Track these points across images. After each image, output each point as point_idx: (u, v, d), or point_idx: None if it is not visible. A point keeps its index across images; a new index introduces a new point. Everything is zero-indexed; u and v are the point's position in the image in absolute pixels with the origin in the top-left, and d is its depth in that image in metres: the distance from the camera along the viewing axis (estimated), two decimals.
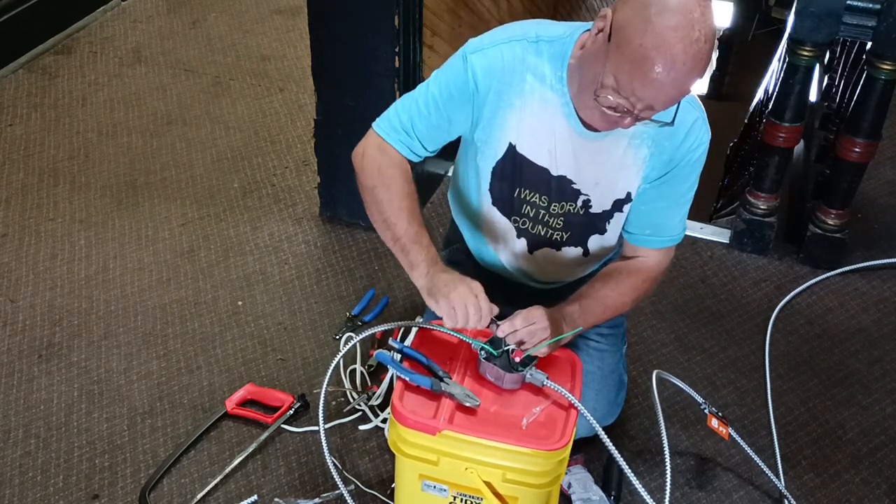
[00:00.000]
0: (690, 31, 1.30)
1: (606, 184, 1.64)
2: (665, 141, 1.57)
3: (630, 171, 1.62)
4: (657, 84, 1.34)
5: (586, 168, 1.62)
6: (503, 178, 1.68)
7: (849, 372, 2.27)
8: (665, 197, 1.65)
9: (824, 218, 2.56)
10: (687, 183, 1.65)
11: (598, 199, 1.67)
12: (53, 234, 2.65)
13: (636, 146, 1.58)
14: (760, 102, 3.97)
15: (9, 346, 2.27)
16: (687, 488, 1.96)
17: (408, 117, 1.65)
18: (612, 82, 1.37)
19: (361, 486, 1.91)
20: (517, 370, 1.54)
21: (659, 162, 1.60)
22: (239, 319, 2.35)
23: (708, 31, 1.32)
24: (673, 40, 1.30)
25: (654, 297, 2.45)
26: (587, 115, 1.51)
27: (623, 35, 1.34)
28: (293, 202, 2.78)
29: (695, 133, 1.57)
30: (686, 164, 1.60)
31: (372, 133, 1.68)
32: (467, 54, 1.57)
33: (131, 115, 3.19)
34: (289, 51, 3.60)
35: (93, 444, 2.02)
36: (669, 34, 1.30)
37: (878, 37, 2.23)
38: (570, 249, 1.77)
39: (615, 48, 1.35)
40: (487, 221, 1.78)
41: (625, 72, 1.35)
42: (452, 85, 1.60)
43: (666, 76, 1.33)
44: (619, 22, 1.35)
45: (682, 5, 1.31)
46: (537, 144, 1.61)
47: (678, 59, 1.31)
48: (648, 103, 1.38)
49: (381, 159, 1.65)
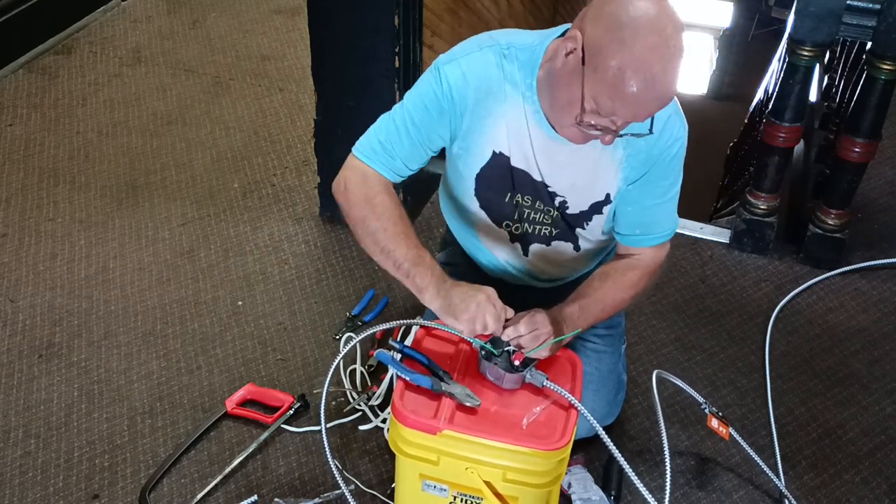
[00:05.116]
0: (666, 50, 1.32)
1: (582, 186, 1.65)
2: (640, 141, 1.57)
3: (608, 173, 1.62)
4: (638, 102, 1.36)
5: (561, 172, 1.63)
6: (490, 184, 1.68)
7: (849, 372, 2.27)
8: (649, 195, 1.65)
9: (824, 218, 2.56)
10: (668, 179, 1.65)
11: (574, 201, 1.68)
12: (53, 234, 2.65)
13: (611, 148, 1.57)
14: (760, 102, 3.97)
15: (9, 346, 2.27)
16: (687, 488, 1.96)
17: (386, 137, 1.62)
18: (593, 105, 1.39)
19: (361, 486, 1.91)
20: (517, 370, 1.54)
21: (636, 161, 1.60)
22: (239, 319, 2.35)
23: (680, 43, 1.34)
24: (652, 60, 1.32)
25: (654, 296, 2.45)
26: (566, 133, 1.51)
27: (599, 59, 1.35)
28: (293, 202, 2.78)
29: (669, 130, 1.57)
30: (664, 161, 1.60)
31: (352, 158, 1.65)
32: (440, 66, 1.57)
33: (131, 115, 3.19)
34: (289, 51, 3.61)
35: (93, 444, 2.02)
36: (647, 55, 1.32)
37: (878, 37, 2.23)
38: (561, 244, 1.77)
39: (592, 72, 1.36)
40: (478, 224, 1.79)
41: (605, 95, 1.36)
42: (427, 99, 1.59)
43: (647, 94, 1.35)
44: (591, 44, 1.36)
45: (655, 23, 1.32)
46: (517, 149, 1.62)
47: (658, 78, 1.33)
48: (630, 120, 1.41)
49: (365, 188, 1.62)
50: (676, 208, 1.71)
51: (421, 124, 1.61)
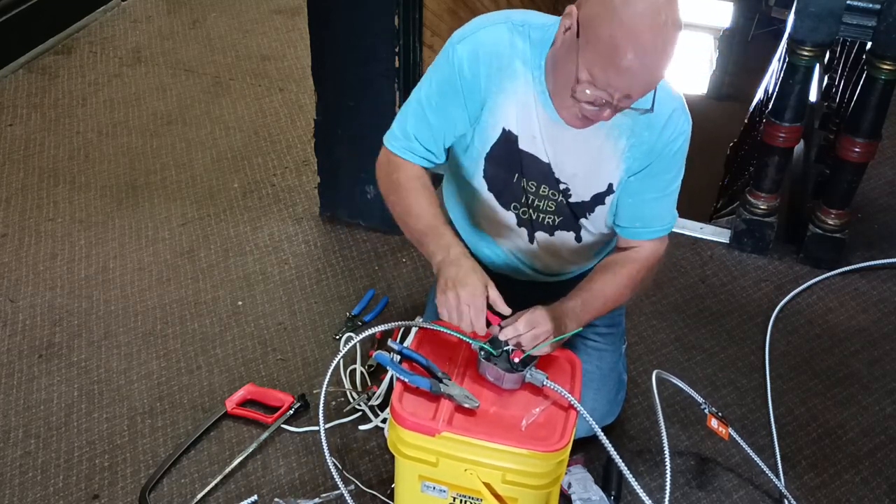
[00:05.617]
0: (657, 17, 1.33)
1: (584, 175, 1.65)
2: (644, 132, 1.57)
3: (610, 163, 1.62)
4: (631, 72, 1.37)
5: (564, 158, 1.63)
6: (498, 164, 1.68)
7: (849, 372, 2.27)
8: (650, 188, 1.66)
9: (824, 218, 2.56)
10: (671, 173, 1.65)
11: (576, 189, 1.68)
12: (53, 234, 2.65)
13: (615, 137, 1.58)
14: (760, 102, 3.96)
15: (9, 346, 2.27)
16: (687, 488, 1.96)
17: (408, 123, 1.66)
18: (587, 76, 1.40)
19: (361, 486, 1.91)
20: (517, 370, 1.54)
21: (639, 152, 1.60)
22: (239, 319, 2.35)
23: (673, 15, 1.35)
24: (641, 27, 1.33)
25: (654, 296, 2.45)
26: (566, 115, 1.52)
27: (591, 29, 1.37)
28: (293, 202, 2.78)
29: (673, 123, 1.58)
30: (667, 154, 1.61)
31: (383, 147, 1.71)
32: (453, 44, 1.58)
33: (131, 115, 3.19)
34: (289, 51, 3.60)
35: (93, 444, 2.02)
36: (637, 22, 1.33)
37: (878, 37, 2.23)
38: (563, 234, 1.77)
39: (585, 43, 1.38)
40: (486, 210, 1.78)
41: (598, 65, 1.37)
42: (442, 78, 1.60)
43: (639, 63, 1.35)
44: (585, 17, 1.38)
45: None
46: (526, 129, 1.62)
47: (648, 45, 1.34)
48: (625, 92, 1.41)
49: (392, 172, 1.69)
50: (676, 203, 1.72)
51: (438, 105, 1.62)
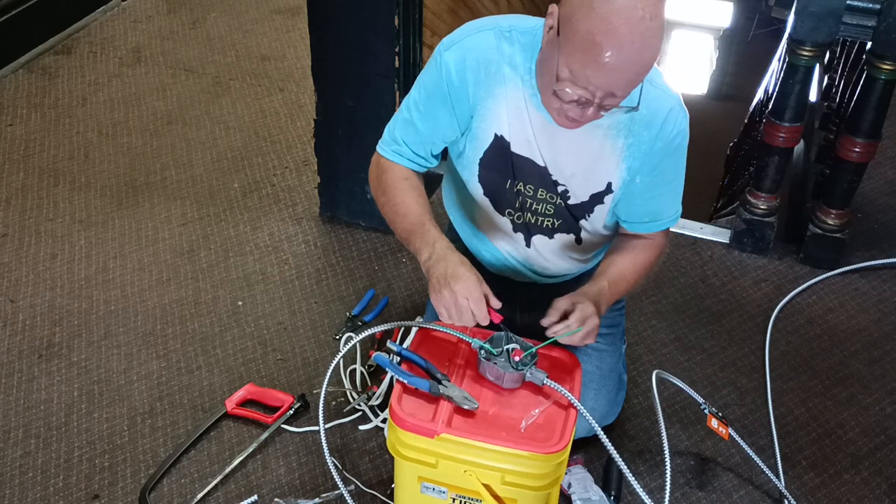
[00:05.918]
0: (633, 11, 1.32)
1: (583, 175, 1.65)
2: (643, 131, 1.58)
3: (609, 162, 1.63)
4: (609, 68, 1.35)
5: (562, 159, 1.64)
6: (492, 169, 1.69)
7: (849, 372, 2.27)
8: (656, 186, 1.67)
9: (824, 218, 2.56)
10: (674, 169, 1.67)
11: (574, 190, 1.68)
12: (53, 234, 2.65)
13: (613, 136, 1.59)
14: (760, 102, 3.96)
15: (9, 346, 2.27)
16: (687, 488, 1.96)
17: (397, 128, 1.68)
18: (567, 74, 1.39)
19: (361, 486, 1.91)
20: (517, 369, 1.54)
21: (639, 151, 1.61)
22: (239, 319, 2.35)
23: (653, 9, 1.34)
24: (617, 22, 1.32)
25: (654, 296, 2.45)
26: (553, 116, 1.53)
27: (569, 26, 1.36)
28: (293, 202, 2.78)
29: (671, 121, 1.58)
30: (668, 152, 1.61)
31: (375, 152, 1.73)
32: (441, 52, 1.59)
33: (131, 115, 3.19)
34: (289, 51, 3.60)
35: (93, 444, 2.02)
36: (613, 17, 1.32)
37: (878, 37, 2.23)
38: (563, 236, 1.78)
39: (564, 40, 1.38)
40: (483, 214, 1.79)
41: (577, 61, 1.37)
42: (430, 85, 1.61)
43: (617, 59, 1.34)
44: (564, 14, 1.38)
45: None
46: (519, 133, 1.62)
47: (625, 41, 1.33)
48: (607, 90, 1.40)
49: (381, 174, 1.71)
50: (681, 194, 1.73)
51: (426, 111, 1.63)
